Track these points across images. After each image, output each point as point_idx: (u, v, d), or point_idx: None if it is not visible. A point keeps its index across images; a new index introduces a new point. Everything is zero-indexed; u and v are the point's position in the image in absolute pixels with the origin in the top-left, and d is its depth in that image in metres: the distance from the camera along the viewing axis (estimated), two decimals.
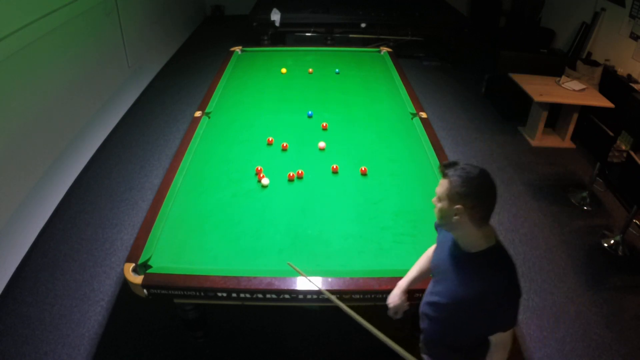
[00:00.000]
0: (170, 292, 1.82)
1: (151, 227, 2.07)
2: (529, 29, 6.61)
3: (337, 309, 1.68)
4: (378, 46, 4.57)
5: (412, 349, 2.51)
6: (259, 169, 2.49)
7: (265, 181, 2.41)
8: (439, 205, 1.36)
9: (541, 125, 4.56)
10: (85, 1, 3.90)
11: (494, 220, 3.23)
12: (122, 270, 2.54)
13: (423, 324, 1.64)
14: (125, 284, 2.71)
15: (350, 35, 6.15)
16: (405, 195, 2.36)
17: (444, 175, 1.33)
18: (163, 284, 1.81)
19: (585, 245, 3.31)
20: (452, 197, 1.30)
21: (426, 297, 1.59)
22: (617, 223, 3.52)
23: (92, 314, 2.66)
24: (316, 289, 1.77)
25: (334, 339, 2.53)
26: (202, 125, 2.97)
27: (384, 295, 1.81)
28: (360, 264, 1.93)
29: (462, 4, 7.64)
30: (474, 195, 1.28)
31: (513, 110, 5.00)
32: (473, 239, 1.36)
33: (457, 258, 1.42)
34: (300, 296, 1.82)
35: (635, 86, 4.33)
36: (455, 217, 1.31)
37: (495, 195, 1.32)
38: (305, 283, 1.80)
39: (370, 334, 1.60)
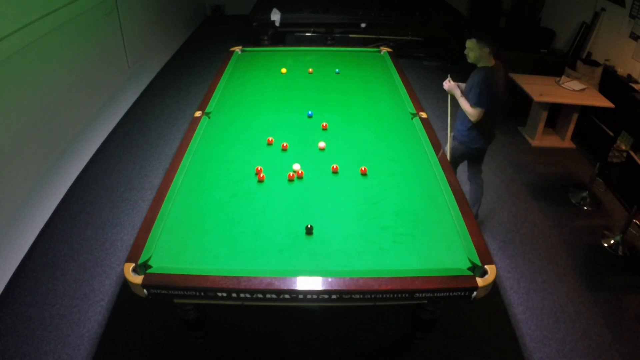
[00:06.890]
0: (170, 292, 1.82)
1: (151, 227, 2.06)
2: (529, 29, 6.61)
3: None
4: (378, 46, 4.57)
5: (412, 349, 2.52)
6: (259, 169, 2.49)
7: (296, 166, 2.50)
8: (471, 53, 3.10)
9: (541, 125, 4.56)
10: (85, 1, 3.90)
11: (494, 220, 3.25)
12: (122, 270, 2.55)
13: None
14: (125, 284, 2.72)
15: (350, 35, 6.15)
16: (405, 195, 2.36)
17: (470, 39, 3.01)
18: (163, 284, 1.81)
19: (585, 245, 3.31)
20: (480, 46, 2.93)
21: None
22: (617, 223, 3.52)
23: (92, 314, 2.66)
24: None
25: (334, 339, 2.52)
26: (202, 125, 2.97)
27: (384, 295, 1.81)
28: (360, 264, 1.93)
29: (462, 4, 7.64)
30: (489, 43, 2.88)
31: (513, 110, 5.00)
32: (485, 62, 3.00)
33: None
34: (300, 296, 1.81)
35: (635, 86, 4.33)
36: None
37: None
38: (305, 283, 1.80)
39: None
